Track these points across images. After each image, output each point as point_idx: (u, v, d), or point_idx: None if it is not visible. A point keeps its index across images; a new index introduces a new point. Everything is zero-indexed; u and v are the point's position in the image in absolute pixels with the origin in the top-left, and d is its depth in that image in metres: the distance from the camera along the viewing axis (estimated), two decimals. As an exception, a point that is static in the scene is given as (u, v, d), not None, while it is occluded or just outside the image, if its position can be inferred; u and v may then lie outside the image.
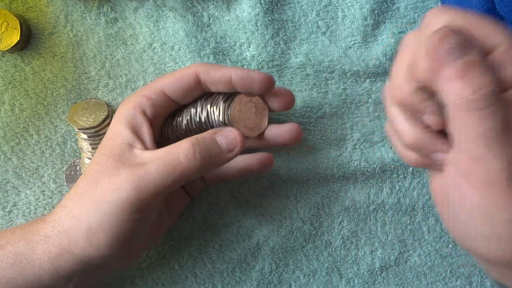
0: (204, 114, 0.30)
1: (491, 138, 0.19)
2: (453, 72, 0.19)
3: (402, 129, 0.24)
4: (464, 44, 0.19)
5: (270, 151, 0.35)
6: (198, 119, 0.30)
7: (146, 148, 0.28)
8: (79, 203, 0.27)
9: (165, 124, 0.32)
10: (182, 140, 0.27)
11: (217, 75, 0.29)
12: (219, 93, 0.31)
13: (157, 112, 0.30)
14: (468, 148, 0.20)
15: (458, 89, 0.19)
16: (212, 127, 0.31)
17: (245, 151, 0.32)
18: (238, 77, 0.29)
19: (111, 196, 0.26)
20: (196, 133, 0.28)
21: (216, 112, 0.30)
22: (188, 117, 0.31)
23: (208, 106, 0.30)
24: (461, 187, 0.21)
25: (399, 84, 0.23)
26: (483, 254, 0.21)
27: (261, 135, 0.32)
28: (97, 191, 0.26)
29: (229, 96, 0.31)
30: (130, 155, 0.28)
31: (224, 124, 0.31)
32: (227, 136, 0.28)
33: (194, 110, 0.31)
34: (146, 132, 0.29)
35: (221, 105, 0.30)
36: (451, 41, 0.19)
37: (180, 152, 0.26)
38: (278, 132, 0.32)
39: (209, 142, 0.27)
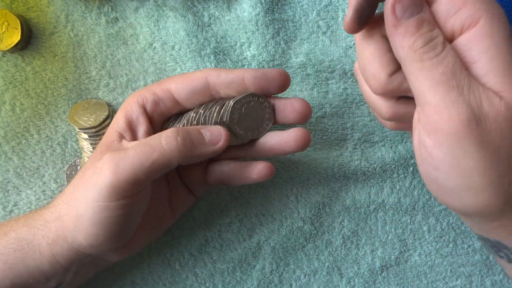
0: (197, 118, 0.30)
1: (446, 81, 0.20)
2: (408, 28, 0.21)
3: (377, 105, 0.26)
4: (415, 3, 0.21)
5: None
6: (193, 124, 0.30)
7: (136, 140, 0.28)
8: (72, 190, 0.27)
9: (166, 124, 0.32)
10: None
11: (229, 78, 0.29)
12: (217, 100, 0.30)
13: (159, 109, 0.30)
14: (427, 99, 0.21)
15: (411, 43, 0.21)
16: None
17: (246, 158, 0.31)
18: (252, 77, 0.28)
19: (92, 181, 0.25)
20: None
21: (202, 118, 0.30)
22: (185, 121, 0.30)
23: (202, 111, 0.30)
24: (427, 145, 0.22)
25: (373, 74, 0.24)
26: (459, 208, 0.23)
27: (253, 141, 0.31)
28: (83, 177, 0.26)
29: (224, 102, 0.30)
30: (117, 143, 0.28)
31: None
32: (212, 131, 0.28)
33: (193, 113, 0.30)
34: (141, 125, 0.29)
35: (215, 111, 0.30)
36: (405, 2, 0.21)
37: (162, 135, 0.26)
38: (281, 140, 0.30)
39: (194, 131, 0.28)
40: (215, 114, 0.29)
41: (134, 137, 0.29)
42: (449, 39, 0.21)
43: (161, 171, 0.26)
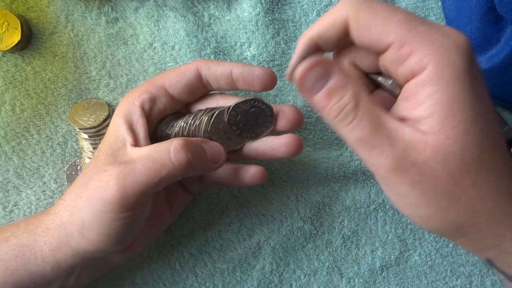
0: (188, 128, 0.30)
1: (365, 143, 0.21)
2: (320, 102, 0.22)
3: None
4: (324, 73, 0.22)
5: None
6: (184, 134, 0.30)
7: (137, 145, 0.28)
8: (75, 198, 0.27)
9: (159, 126, 0.31)
10: (173, 139, 0.27)
11: (218, 71, 0.29)
12: (207, 109, 0.31)
13: (156, 107, 0.30)
14: (357, 153, 0.22)
15: (326, 114, 0.22)
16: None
17: (240, 161, 0.32)
18: (239, 72, 0.28)
19: (98, 193, 0.25)
20: None
21: (197, 126, 0.30)
22: (177, 130, 0.30)
23: (191, 121, 0.30)
24: (381, 185, 0.24)
25: None
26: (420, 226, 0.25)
27: (241, 149, 0.31)
28: (88, 187, 0.26)
29: (215, 110, 0.30)
30: (123, 151, 0.28)
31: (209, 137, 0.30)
32: (213, 148, 0.28)
33: (183, 123, 0.30)
34: (141, 127, 0.28)
35: (204, 120, 0.30)
36: (313, 75, 0.22)
37: (171, 149, 0.26)
38: (273, 145, 0.30)
39: (198, 146, 0.28)
40: (205, 120, 0.29)
41: (136, 140, 0.28)
42: (404, 83, 0.22)
43: (167, 184, 0.27)
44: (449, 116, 0.20)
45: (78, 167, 0.35)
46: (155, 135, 0.31)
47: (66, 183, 0.35)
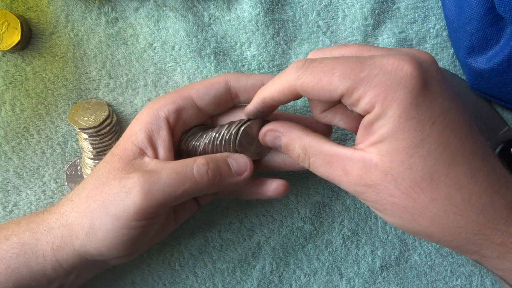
0: (219, 139, 0.30)
1: (326, 176, 0.25)
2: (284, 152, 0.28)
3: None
4: (277, 134, 0.28)
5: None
6: (215, 144, 0.30)
7: (157, 157, 0.28)
8: (85, 200, 0.27)
9: (184, 138, 0.31)
10: (197, 156, 0.28)
11: (248, 82, 0.29)
12: (241, 120, 0.30)
13: (181, 119, 0.29)
14: None
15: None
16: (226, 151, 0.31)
17: (260, 173, 0.32)
18: None
19: (119, 198, 0.25)
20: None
21: (226, 137, 0.30)
22: (207, 141, 0.30)
23: (225, 131, 0.30)
24: None
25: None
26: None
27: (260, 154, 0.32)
28: (104, 191, 0.26)
29: (243, 123, 0.30)
30: (140, 161, 0.27)
31: (235, 148, 0.30)
32: (238, 161, 0.29)
33: (216, 134, 0.30)
34: (163, 139, 0.28)
35: (233, 131, 0.30)
36: (268, 138, 0.28)
37: (194, 166, 0.27)
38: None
39: (221, 162, 0.28)
40: (232, 137, 0.30)
41: (155, 153, 0.28)
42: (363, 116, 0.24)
43: (188, 198, 0.27)
44: (394, 144, 0.22)
45: (78, 167, 0.35)
46: (179, 146, 0.31)
47: (66, 183, 0.35)
